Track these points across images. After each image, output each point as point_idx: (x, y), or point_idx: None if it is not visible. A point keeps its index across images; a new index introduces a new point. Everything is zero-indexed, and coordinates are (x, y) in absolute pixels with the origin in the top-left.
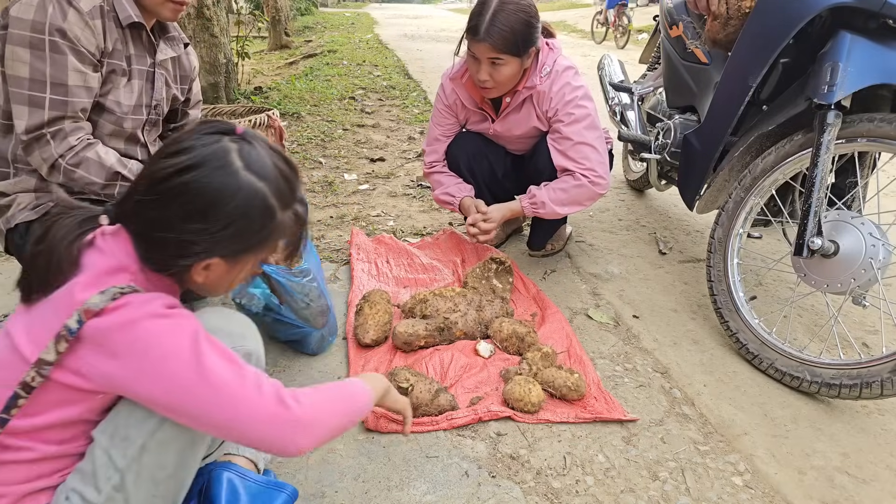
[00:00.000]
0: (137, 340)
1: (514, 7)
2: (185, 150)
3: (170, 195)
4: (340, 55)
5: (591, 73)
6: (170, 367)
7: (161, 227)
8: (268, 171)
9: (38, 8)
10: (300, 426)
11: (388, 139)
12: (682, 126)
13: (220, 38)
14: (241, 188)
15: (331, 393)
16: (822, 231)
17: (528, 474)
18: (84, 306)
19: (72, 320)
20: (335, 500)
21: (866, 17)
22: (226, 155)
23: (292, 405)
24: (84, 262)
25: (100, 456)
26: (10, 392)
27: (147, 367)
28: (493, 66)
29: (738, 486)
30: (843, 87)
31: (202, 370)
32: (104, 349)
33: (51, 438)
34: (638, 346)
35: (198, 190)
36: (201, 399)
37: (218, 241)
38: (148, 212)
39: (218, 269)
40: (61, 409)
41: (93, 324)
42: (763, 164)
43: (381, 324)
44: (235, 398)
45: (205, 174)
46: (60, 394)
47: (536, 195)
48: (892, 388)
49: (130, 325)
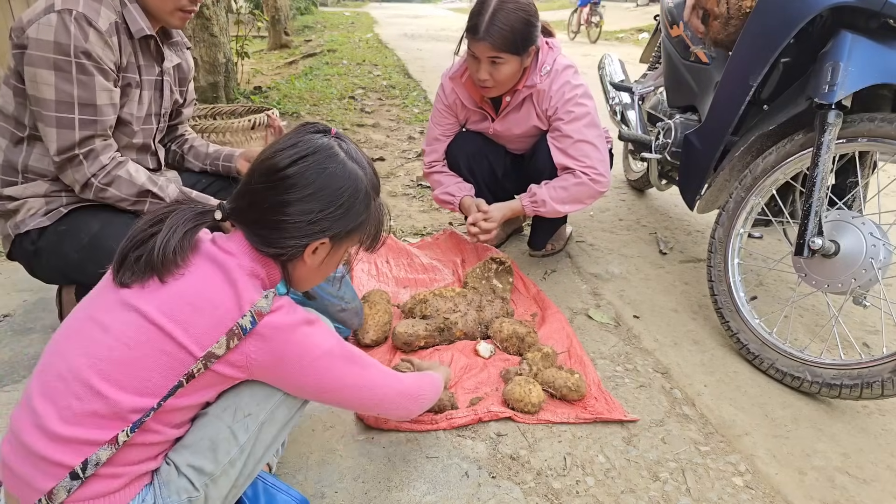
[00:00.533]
0: (300, 341)
1: (513, 6)
2: (294, 144)
3: (288, 181)
4: (340, 55)
5: (592, 72)
6: (330, 362)
7: (281, 212)
8: (364, 163)
9: (59, 29)
10: (414, 397)
11: (387, 139)
12: (683, 126)
13: (220, 37)
14: (349, 173)
15: (426, 378)
16: (822, 231)
17: (528, 475)
18: (256, 308)
19: (245, 320)
20: (335, 500)
21: (867, 17)
22: (331, 147)
23: (408, 382)
24: (221, 263)
25: (222, 430)
26: (170, 378)
27: (309, 362)
28: (493, 65)
29: (739, 486)
30: (844, 87)
31: (352, 360)
32: (268, 346)
33: (175, 421)
34: (638, 346)
35: (314, 174)
36: (355, 380)
37: (329, 221)
38: (267, 200)
39: (323, 252)
40: (200, 393)
41: (265, 323)
42: (764, 163)
43: (381, 324)
44: (380, 378)
45: (318, 161)
46: (208, 380)
47: (537, 193)
48: (893, 389)
49: (294, 328)
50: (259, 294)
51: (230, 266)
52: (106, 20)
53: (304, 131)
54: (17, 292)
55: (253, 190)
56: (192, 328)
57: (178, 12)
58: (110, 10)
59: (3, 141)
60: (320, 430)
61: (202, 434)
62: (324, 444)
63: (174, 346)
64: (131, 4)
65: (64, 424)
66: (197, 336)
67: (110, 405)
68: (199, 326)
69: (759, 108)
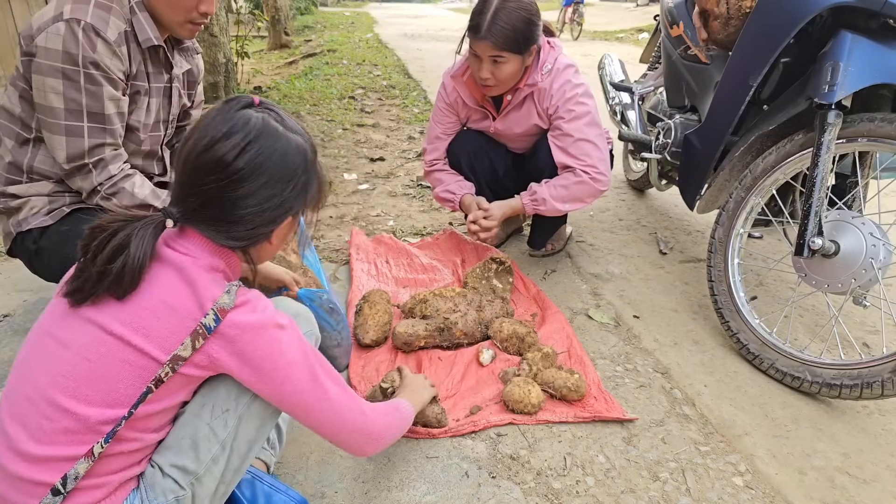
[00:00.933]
0: (265, 345)
1: (515, 5)
2: (232, 130)
3: (242, 174)
4: (340, 54)
5: (592, 72)
6: (291, 373)
7: (243, 204)
8: (299, 128)
9: (67, 39)
10: (372, 438)
11: (387, 139)
12: (683, 126)
13: (220, 37)
14: (294, 146)
15: (395, 415)
16: (822, 231)
17: (528, 475)
18: (218, 305)
19: (208, 318)
20: (335, 500)
21: (867, 17)
22: (268, 123)
23: (371, 419)
24: (178, 265)
25: (202, 428)
26: (138, 386)
27: (270, 369)
28: (495, 63)
29: (739, 486)
30: (844, 87)
31: (316, 378)
32: (233, 347)
33: (152, 426)
34: (638, 346)
35: (266, 160)
36: (312, 400)
37: (290, 200)
38: (222, 196)
39: (286, 228)
40: (173, 395)
41: (229, 321)
42: (764, 163)
43: (381, 324)
44: (340, 406)
45: (266, 144)
46: (178, 382)
47: (537, 192)
48: (893, 389)
49: (261, 329)
50: (221, 289)
51: (186, 265)
52: (115, 29)
53: (233, 110)
54: (17, 292)
55: (203, 189)
56: (153, 334)
57: (188, 24)
58: (119, 19)
59: (8, 141)
60: None
61: (183, 433)
62: (324, 444)
63: (136, 354)
64: (141, 13)
65: (38, 445)
66: (159, 341)
67: (80, 421)
68: (160, 331)
69: (759, 108)
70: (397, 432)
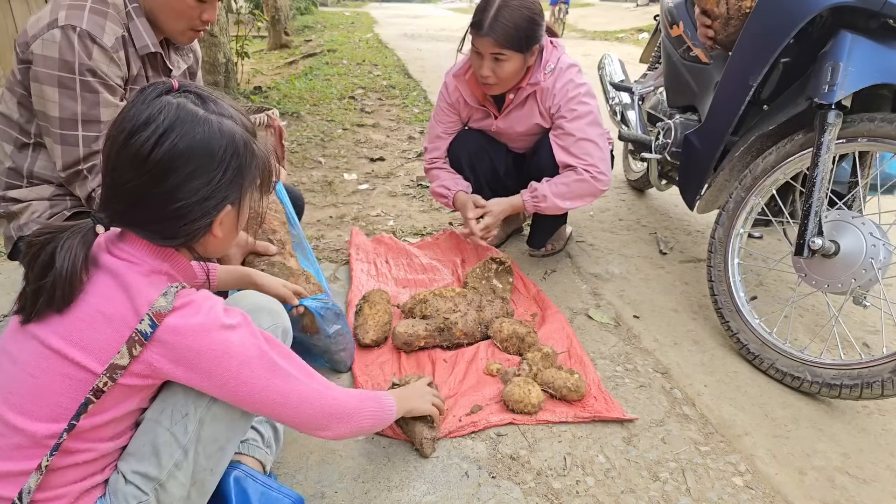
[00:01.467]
0: (211, 350)
1: (518, 3)
2: (148, 120)
3: (163, 167)
4: (340, 54)
5: (592, 72)
6: (245, 374)
7: (171, 199)
8: (227, 109)
9: (63, 47)
10: (342, 419)
11: (387, 139)
12: (683, 126)
13: (220, 37)
14: (220, 129)
15: (370, 403)
16: (822, 231)
17: (528, 475)
18: (153, 309)
19: (143, 324)
20: (335, 500)
21: (867, 17)
22: (186, 107)
23: (342, 401)
24: (114, 271)
25: (162, 434)
26: (79, 399)
27: (220, 374)
28: (496, 61)
29: (739, 486)
30: (844, 87)
31: (276, 371)
32: (174, 353)
33: (105, 435)
34: (638, 346)
35: (186, 148)
36: (274, 396)
37: (224, 189)
38: (147, 194)
39: (230, 218)
40: (119, 405)
41: (166, 326)
42: (764, 163)
43: (381, 324)
44: (306, 394)
45: (184, 131)
46: (121, 392)
47: (538, 189)
48: (893, 389)
49: (203, 332)
50: (157, 292)
51: (121, 271)
52: (111, 35)
53: (148, 99)
54: (18, 292)
55: (127, 188)
56: (90, 345)
57: (189, 31)
58: (116, 24)
59: (7, 146)
60: None
61: (144, 440)
62: (324, 444)
63: (74, 367)
64: (138, 19)
65: None
66: (96, 352)
67: (28, 436)
68: (97, 342)
69: (759, 108)
70: (373, 421)
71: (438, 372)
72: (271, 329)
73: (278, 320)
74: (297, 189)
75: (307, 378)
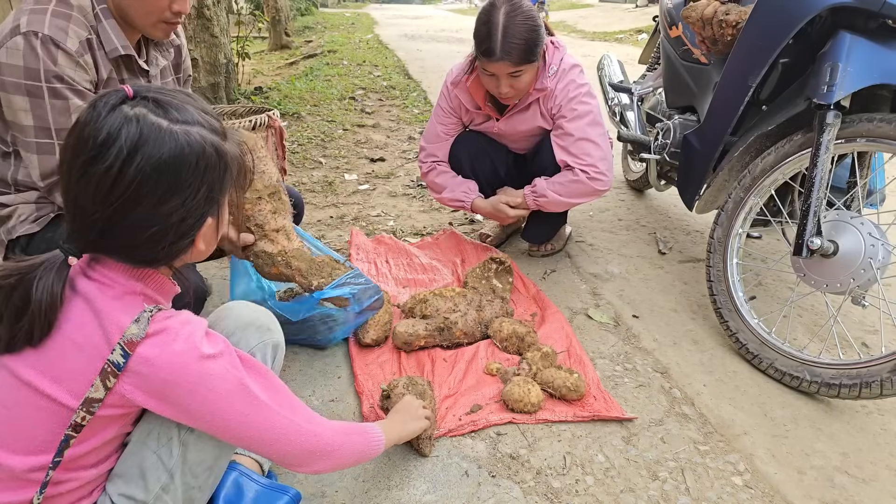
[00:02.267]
0: (187, 383)
1: (520, 18)
2: (107, 141)
3: (132, 194)
4: (340, 55)
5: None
6: (221, 408)
7: (144, 226)
8: (192, 115)
9: (27, 54)
10: (322, 457)
11: (388, 139)
12: (682, 126)
13: (220, 38)
14: (187, 143)
15: (356, 438)
16: (821, 231)
17: (527, 474)
18: (125, 338)
19: (115, 355)
20: (335, 499)
21: (866, 18)
22: (147, 121)
23: (325, 438)
24: (87, 296)
25: (148, 457)
26: (56, 432)
27: (196, 407)
28: (513, 78)
29: (738, 485)
30: (843, 88)
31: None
32: (148, 385)
33: (87, 464)
34: (638, 345)
35: (154, 169)
36: (252, 432)
37: (201, 203)
38: (118, 223)
39: (210, 229)
40: (100, 433)
41: (138, 356)
42: (763, 164)
43: (382, 323)
44: (286, 429)
45: (150, 152)
46: (101, 422)
47: (538, 186)
48: (892, 388)
49: (178, 365)
50: (130, 317)
51: (93, 295)
52: (75, 39)
53: (102, 114)
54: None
55: (95, 218)
56: (62, 377)
57: (162, 24)
58: (80, 27)
59: None
60: None
61: (131, 462)
62: None
63: (46, 400)
64: (107, 21)
65: None
66: (69, 384)
67: (6, 471)
68: (70, 374)
69: (758, 108)
70: (357, 456)
71: (438, 371)
72: (259, 347)
73: (266, 336)
74: (297, 189)
75: (289, 412)
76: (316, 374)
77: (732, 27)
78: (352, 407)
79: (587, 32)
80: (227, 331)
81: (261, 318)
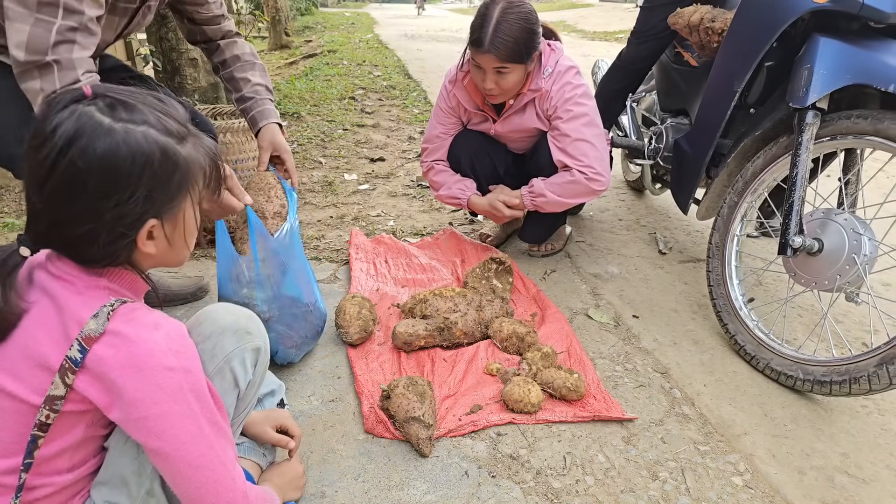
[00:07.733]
0: (133, 390)
1: (515, 17)
2: (49, 134)
3: (64, 186)
4: (340, 55)
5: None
6: (159, 427)
7: (77, 223)
8: (140, 114)
9: None
10: None
11: (388, 139)
12: (675, 129)
13: None
14: (124, 142)
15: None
16: (803, 229)
17: (528, 474)
18: (83, 333)
19: (73, 350)
20: (335, 499)
21: (848, 20)
22: (90, 118)
23: (248, 497)
24: (49, 291)
25: (129, 464)
26: (22, 433)
27: (134, 418)
28: (499, 74)
29: (738, 485)
30: (816, 90)
31: (191, 441)
32: (101, 384)
33: (62, 467)
34: (638, 346)
35: (86, 165)
36: (179, 465)
37: (137, 204)
38: (57, 215)
39: (162, 230)
40: (69, 434)
41: (94, 353)
42: (753, 167)
43: (360, 318)
44: (209, 477)
45: (82, 146)
46: (68, 419)
47: (535, 185)
48: (879, 383)
49: (130, 372)
50: (91, 311)
51: (55, 289)
52: None
53: (53, 111)
54: None
55: (38, 209)
56: (23, 374)
57: None
58: None
59: None
60: (321, 429)
61: (113, 470)
62: (324, 444)
63: (9, 399)
64: None
65: None
66: (30, 381)
67: None
68: (30, 370)
69: (747, 111)
70: None
71: (438, 372)
72: (236, 352)
73: (245, 341)
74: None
75: (231, 465)
76: (316, 375)
77: (718, 34)
78: (352, 407)
79: (587, 32)
80: (203, 335)
81: (239, 322)
